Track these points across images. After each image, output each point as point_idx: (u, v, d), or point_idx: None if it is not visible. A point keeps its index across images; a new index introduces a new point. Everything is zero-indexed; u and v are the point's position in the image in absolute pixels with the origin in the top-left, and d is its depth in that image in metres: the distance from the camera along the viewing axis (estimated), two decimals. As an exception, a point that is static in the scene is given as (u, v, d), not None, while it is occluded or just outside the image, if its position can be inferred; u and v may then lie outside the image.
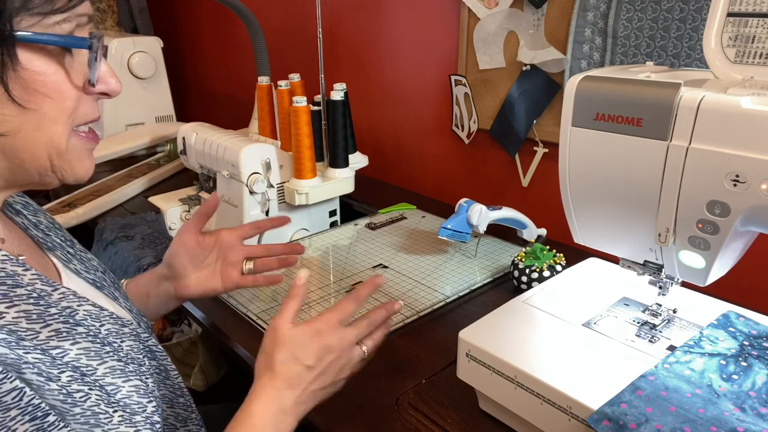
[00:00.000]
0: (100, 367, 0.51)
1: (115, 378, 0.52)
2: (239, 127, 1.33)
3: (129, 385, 0.52)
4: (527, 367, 0.56)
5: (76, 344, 0.50)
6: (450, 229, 0.97)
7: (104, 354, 0.52)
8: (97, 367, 0.51)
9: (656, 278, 0.61)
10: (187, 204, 1.21)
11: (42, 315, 0.49)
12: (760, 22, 0.52)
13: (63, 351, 0.49)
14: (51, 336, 0.48)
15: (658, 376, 0.53)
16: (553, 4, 1.06)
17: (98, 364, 0.51)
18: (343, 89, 1.10)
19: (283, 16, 1.75)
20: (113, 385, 0.51)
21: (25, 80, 0.47)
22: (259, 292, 0.92)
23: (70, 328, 0.50)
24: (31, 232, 0.61)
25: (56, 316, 0.50)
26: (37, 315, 0.48)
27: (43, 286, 0.51)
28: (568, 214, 0.62)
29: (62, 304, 0.51)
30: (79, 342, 0.50)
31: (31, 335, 0.47)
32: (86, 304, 0.54)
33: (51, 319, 0.49)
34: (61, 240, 0.64)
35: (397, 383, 0.71)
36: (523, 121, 1.15)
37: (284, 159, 1.09)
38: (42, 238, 0.61)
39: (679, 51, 0.92)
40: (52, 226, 0.65)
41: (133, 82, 1.74)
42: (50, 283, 0.52)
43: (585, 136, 0.56)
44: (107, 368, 0.51)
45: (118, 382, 0.52)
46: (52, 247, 0.61)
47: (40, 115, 0.48)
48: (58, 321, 0.50)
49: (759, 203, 0.47)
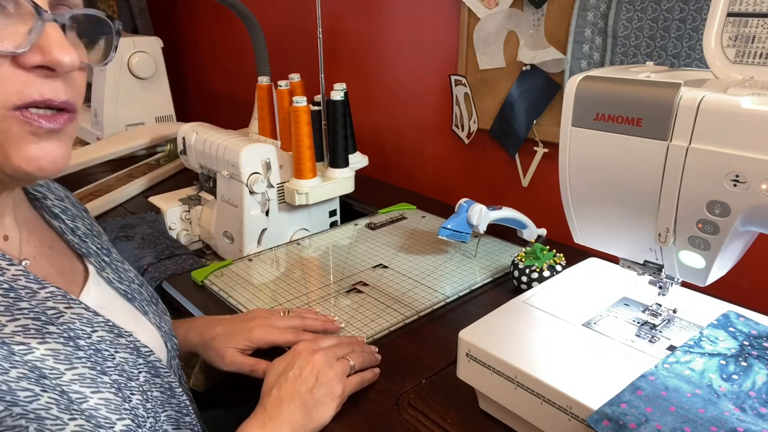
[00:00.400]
0: (68, 372, 0.48)
1: (83, 386, 0.49)
2: (239, 127, 1.33)
3: (98, 397, 0.49)
4: (527, 367, 0.56)
5: (45, 344, 0.48)
6: (450, 229, 0.97)
7: (75, 359, 0.49)
8: (65, 371, 0.48)
9: (656, 278, 0.61)
10: (187, 204, 1.21)
11: (9, 308, 0.47)
12: (760, 22, 0.52)
13: (28, 349, 0.46)
14: (17, 331, 0.46)
15: (658, 376, 0.53)
16: (553, 4, 1.06)
17: (66, 368, 0.48)
18: (343, 89, 1.10)
19: (283, 15, 1.75)
20: (80, 393, 0.48)
21: None
22: (259, 292, 0.92)
23: (41, 326, 0.48)
24: (68, 237, 0.60)
25: (26, 311, 0.48)
26: (4, 307, 0.47)
27: (27, 283, 0.49)
28: (568, 214, 0.62)
29: (47, 303, 0.50)
30: (49, 342, 0.48)
31: None
32: (78, 307, 0.52)
33: (19, 314, 0.47)
34: (97, 247, 0.63)
35: (397, 383, 0.71)
36: (523, 121, 1.15)
37: (284, 159, 1.09)
38: (78, 244, 0.60)
39: (679, 51, 0.92)
40: (90, 233, 0.64)
41: (133, 82, 1.74)
42: (38, 281, 0.50)
43: (585, 136, 0.56)
44: (76, 375, 0.49)
45: (87, 392, 0.49)
46: (87, 253, 0.60)
47: None
48: (28, 317, 0.48)
49: (759, 203, 0.47)
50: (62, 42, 0.46)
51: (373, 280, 0.95)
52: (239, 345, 0.74)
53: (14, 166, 0.46)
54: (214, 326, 0.76)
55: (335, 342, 0.72)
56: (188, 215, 1.21)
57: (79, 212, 0.66)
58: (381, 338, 0.80)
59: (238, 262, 1.02)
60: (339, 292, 0.92)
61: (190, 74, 2.39)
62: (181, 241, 1.17)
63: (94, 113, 1.76)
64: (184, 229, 1.20)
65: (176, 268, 1.01)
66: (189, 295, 0.93)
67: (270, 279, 0.97)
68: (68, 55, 0.45)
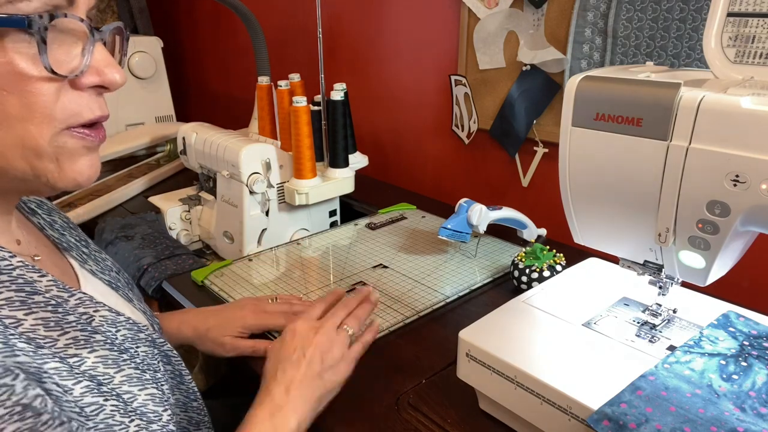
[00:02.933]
0: (117, 375, 0.50)
1: (131, 386, 0.50)
2: (239, 127, 1.33)
3: (145, 393, 0.51)
4: (527, 367, 0.56)
5: (94, 352, 0.49)
6: (450, 229, 0.97)
7: (121, 362, 0.51)
8: (114, 375, 0.49)
9: (656, 278, 0.61)
10: (187, 204, 1.21)
11: (60, 322, 0.47)
12: (760, 22, 0.52)
13: (80, 359, 0.47)
14: (69, 344, 0.47)
15: (658, 376, 0.53)
16: (553, 4, 1.06)
17: (115, 372, 0.50)
18: (343, 89, 1.10)
19: (283, 16, 1.75)
20: (130, 393, 0.50)
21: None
22: (259, 292, 0.92)
23: (88, 336, 0.49)
24: (47, 231, 0.60)
25: (74, 324, 0.48)
26: (54, 322, 0.47)
27: (59, 292, 0.49)
28: (568, 214, 0.62)
29: (79, 310, 0.50)
30: (97, 350, 0.49)
31: (50, 343, 0.46)
32: (103, 309, 0.53)
33: (69, 327, 0.48)
34: (76, 240, 0.63)
35: (397, 383, 0.71)
36: (523, 121, 1.15)
37: (284, 159, 1.09)
38: (57, 238, 0.60)
39: (679, 51, 0.92)
40: (67, 225, 0.64)
41: (133, 82, 1.74)
42: (67, 289, 0.51)
43: (585, 136, 0.56)
44: (124, 376, 0.50)
45: (135, 391, 0.50)
46: (68, 247, 0.60)
47: (2, 112, 0.43)
48: (76, 329, 0.48)
49: (759, 203, 0.47)
50: (112, 61, 0.48)
51: (373, 280, 0.95)
52: (234, 332, 0.76)
53: (67, 179, 0.48)
54: (206, 318, 0.78)
55: (323, 307, 0.73)
56: (188, 215, 1.21)
57: (52, 206, 0.66)
58: (381, 338, 0.80)
59: (238, 262, 1.02)
60: (339, 292, 0.92)
61: (190, 74, 2.39)
62: (181, 241, 1.17)
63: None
64: (184, 229, 1.20)
65: (176, 268, 1.01)
66: (189, 295, 0.93)
67: (270, 279, 0.97)
68: (119, 74, 0.48)
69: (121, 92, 1.85)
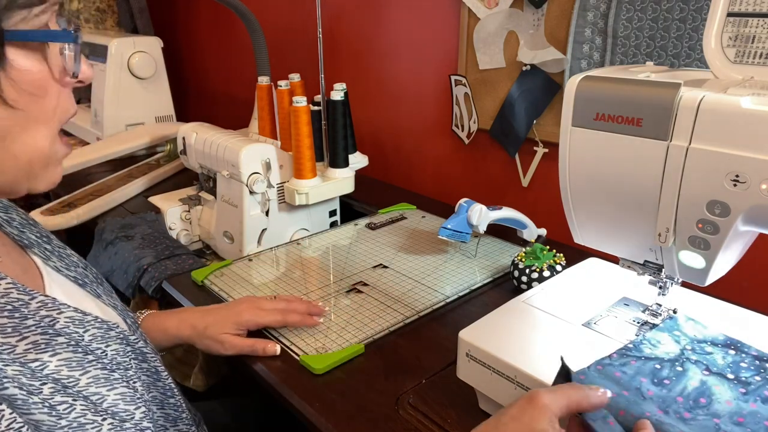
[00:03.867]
0: (83, 377, 0.49)
1: (99, 387, 0.50)
2: (239, 127, 1.33)
3: (114, 393, 0.51)
4: (527, 367, 0.56)
5: (56, 355, 0.48)
6: (450, 229, 0.97)
7: (86, 363, 0.50)
8: (80, 377, 0.49)
9: (656, 278, 0.61)
10: (187, 204, 1.21)
11: (17, 328, 0.47)
12: (760, 22, 0.52)
13: (42, 363, 0.47)
14: (29, 349, 0.46)
15: (588, 376, 0.52)
16: (553, 4, 1.06)
17: (81, 374, 0.49)
18: (343, 89, 1.10)
19: (283, 16, 1.75)
20: (98, 394, 0.50)
21: (13, 79, 0.45)
22: (259, 292, 0.92)
23: (49, 339, 0.48)
24: (6, 229, 0.58)
25: (33, 328, 0.48)
26: (12, 328, 0.46)
27: (19, 295, 0.48)
28: (568, 214, 0.62)
29: (41, 313, 0.49)
30: (60, 353, 0.48)
31: (7, 349, 0.45)
32: (68, 310, 0.52)
33: (27, 332, 0.47)
34: (37, 236, 0.61)
35: (397, 383, 0.71)
36: (523, 121, 1.15)
37: (284, 159, 1.09)
38: (17, 236, 0.58)
39: (679, 51, 0.92)
40: (26, 222, 0.62)
41: (133, 82, 1.74)
42: (27, 291, 0.49)
43: (585, 136, 0.56)
44: (90, 378, 0.50)
45: (103, 391, 0.50)
46: (29, 244, 0.58)
47: (26, 115, 0.47)
48: (36, 333, 0.48)
49: (759, 203, 0.47)
50: (83, 58, 0.50)
51: (373, 280, 0.95)
52: (231, 330, 0.77)
53: (37, 188, 0.50)
54: (204, 317, 0.79)
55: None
56: (188, 215, 1.21)
57: (8, 203, 0.64)
58: (381, 338, 0.80)
59: (238, 262, 1.02)
60: (339, 292, 0.92)
61: (190, 74, 2.39)
62: (181, 241, 1.17)
63: (94, 113, 1.76)
64: (184, 229, 1.20)
65: (176, 268, 1.01)
66: (189, 295, 0.93)
67: (270, 279, 0.97)
68: (90, 69, 0.51)
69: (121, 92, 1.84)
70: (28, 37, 0.45)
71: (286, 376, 0.72)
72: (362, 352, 0.77)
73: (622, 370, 0.53)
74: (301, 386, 0.71)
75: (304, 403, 0.68)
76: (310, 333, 0.80)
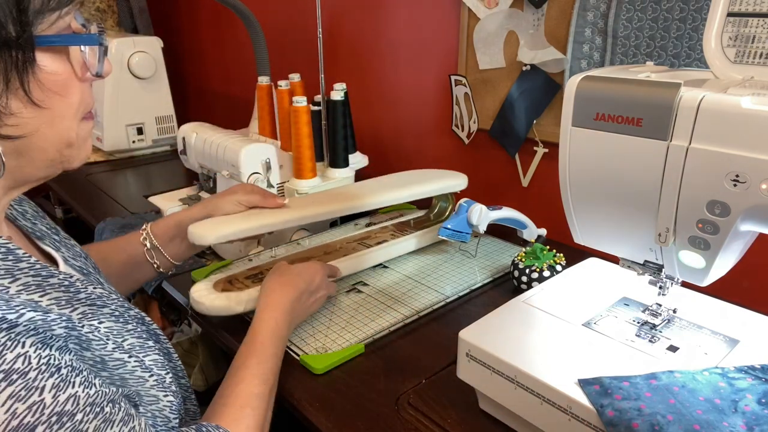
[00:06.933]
0: (125, 343, 0.54)
1: (138, 352, 0.55)
2: (239, 127, 1.33)
3: (149, 359, 0.55)
4: (527, 367, 0.56)
5: (102, 324, 0.52)
6: (450, 229, 0.97)
7: (125, 332, 0.54)
8: (123, 343, 0.53)
9: (656, 278, 0.61)
10: (187, 204, 1.21)
11: (71, 300, 0.51)
12: (760, 22, 0.52)
13: (95, 327, 0.51)
14: (80, 318, 0.51)
15: (685, 376, 0.51)
16: (553, 4, 1.06)
17: (122, 340, 0.54)
18: (343, 89, 1.10)
19: (283, 15, 1.75)
20: (138, 357, 0.54)
21: (41, 81, 0.48)
22: (259, 292, 0.92)
23: (96, 310, 0.53)
24: (20, 222, 0.61)
25: (83, 300, 0.52)
26: (65, 301, 0.50)
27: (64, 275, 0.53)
28: (568, 214, 0.62)
29: (89, 288, 0.53)
30: (104, 321, 0.53)
31: (66, 318, 0.49)
32: (98, 288, 0.55)
33: (78, 303, 0.51)
34: (47, 228, 0.64)
35: (397, 383, 0.71)
36: (523, 121, 1.15)
37: (284, 159, 1.09)
38: (30, 228, 0.61)
39: (679, 51, 0.92)
40: (38, 214, 0.66)
41: (133, 82, 1.74)
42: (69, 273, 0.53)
43: (585, 136, 0.56)
44: (129, 345, 0.54)
45: (141, 356, 0.55)
46: (41, 236, 0.62)
47: (52, 112, 0.49)
48: (85, 304, 0.52)
49: (759, 203, 0.47)
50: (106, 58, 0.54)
51: (373, 280, 0.95)
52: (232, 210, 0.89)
53: (81, 161, 0.55)
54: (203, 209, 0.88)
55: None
56: (188, 215, 1.21)
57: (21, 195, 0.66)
58: (381, 338, 0.80)
59: (238, 262, 1.02)
60: (339, 292, 0.92)
61: (190, 74, 2.39)
62: (181, 241, 1.17)
63: (94, 113, 1.76)
64: (184, 229, 1.20)
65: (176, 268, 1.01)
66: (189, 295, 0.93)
67: (270, 279, 0.96)
68: (110, 65, 0.55)
69: (121, 92, 1.84)
70: (58, 42, 0.48)
71: (286, 376, 0.72)
72: (362, 352, 0.77)
73: (730, 382, 0.51)
74: (301, 386, 0.71)
75: (304, 403, 0.68)
76: (311, 333, 0.80)
